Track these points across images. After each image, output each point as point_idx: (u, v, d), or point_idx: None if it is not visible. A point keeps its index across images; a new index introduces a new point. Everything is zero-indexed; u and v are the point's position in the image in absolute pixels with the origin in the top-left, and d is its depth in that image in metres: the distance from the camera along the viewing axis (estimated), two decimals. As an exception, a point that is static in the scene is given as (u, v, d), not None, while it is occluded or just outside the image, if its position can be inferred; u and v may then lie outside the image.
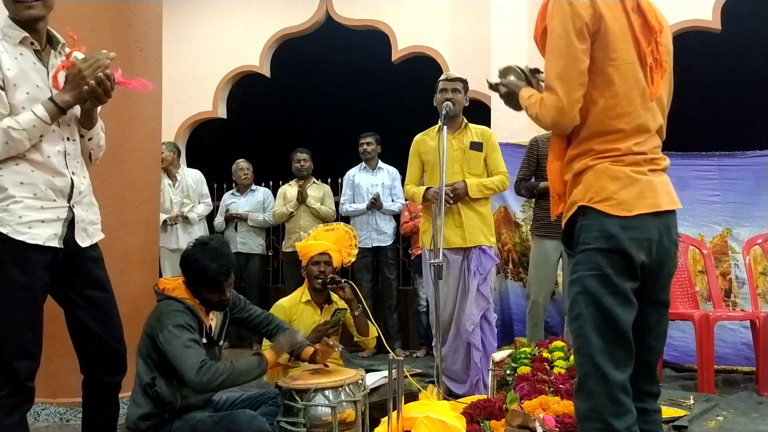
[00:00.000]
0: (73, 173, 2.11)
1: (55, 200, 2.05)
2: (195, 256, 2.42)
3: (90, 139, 2.23)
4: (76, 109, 2.15)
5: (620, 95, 1.69)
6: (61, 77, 2.07)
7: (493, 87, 1.98)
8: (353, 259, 3.47)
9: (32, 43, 2.06)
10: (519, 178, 4.08)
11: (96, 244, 2.23)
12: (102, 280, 2.22)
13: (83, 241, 2.13)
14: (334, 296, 3.31)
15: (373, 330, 3.29)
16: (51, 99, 2.01)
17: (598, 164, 1.70)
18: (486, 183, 3.54)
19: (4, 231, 1.96)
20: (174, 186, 5.45)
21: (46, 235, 2.02)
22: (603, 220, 1.67)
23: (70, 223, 2.09)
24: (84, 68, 2.00)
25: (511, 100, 1.92)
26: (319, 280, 3.19)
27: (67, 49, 2.19)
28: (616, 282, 1.64)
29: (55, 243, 2.04)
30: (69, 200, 2.09)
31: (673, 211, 1.74)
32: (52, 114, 2.00)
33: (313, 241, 3.34)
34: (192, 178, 5.55)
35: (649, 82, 1.71)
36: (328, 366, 2.71)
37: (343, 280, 3.18)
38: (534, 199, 4.16)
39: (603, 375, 1.62)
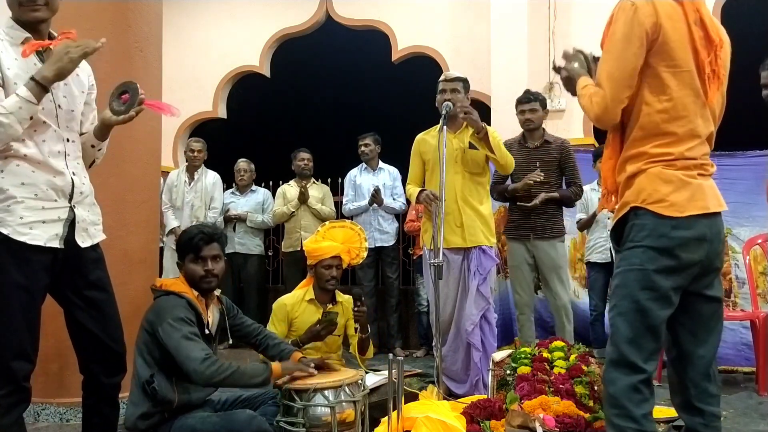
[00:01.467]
0: (73, 173, 2.11)
1: (56, 200, 2.05)
2: (184, 231, 2.59)
3: (99, 150, 2.27)
4: (77, 112, 2.17)
5: (675, 99, 1.79)
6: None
7: (557, 69, 2.07)
8: (362, 260, 3.45)
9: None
10: (493, 182, 3.96)
11: (97, 244, 2.23)
12: (102, 280, 2.22)
13: (83, 241, 2.13)
14: (339, 296, 3.30)
15: (371, 352, 3.31)
16: (32, 77, 1.96)
17: (651, 168, 1.80)
18: (501, 145, 3.52)
19: (5, 232, 1.95)
20: (189, 185, 5.40)
21: (46, 235, 2.01)
22: (656, 220, 1.76)
23: (71, 224, 2.09)
24: (71, 46, 1.98)
25: (570, 85, 2.01)
26: (331, 283, 3.18)
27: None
28: (655, 279, 1.74)
29: (56, 243, 2.04)
30: (70, 200, 2.09)
31: (719, 213, 1.84)
32: (34, 92, 1.94)
33: (321, 239, 3.30)
34: (210, 180, 5.48)
35: (705, 91, 1.81)
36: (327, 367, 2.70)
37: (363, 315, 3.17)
38: (508, 203, 4.15)
39: (628, 364, 1.73)
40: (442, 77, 3.61)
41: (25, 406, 2.05)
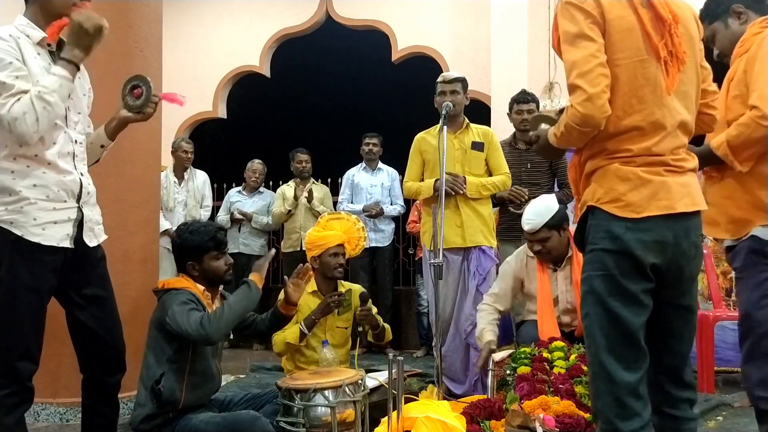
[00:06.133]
0: (81, 174, 2.14)
1: (66, 201, 2.07)
2: (186, 235, 2.52)
3: (105, 150, 2.32)
4: (83, 114, 2.20)
5: (628, 94, 1.66)
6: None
7: (529, 143, 1.95)
8: (361, 251, 3.47)
9: (49, 45, 2.09)
10: None
11: (100, 244, 2.25)
12: (104, 279, 2.24)
13: (91, 240, 2.16)
14: (342, 286, 3.32)
15: (389, 335, 3.38)
16: (62, 57, 2.01)
17: (608, 164, 1.68)
18: (486, 183, 3.54)
19: (18, 233, 1.97)
20: (179, 185, 5.41)
21: (59, 236, 2.04)
22: (610, 221, 1.65)
23: (79, 224, 2.11)
24: (83, 20, 1.99)
25: (546, 147, 1.84)
26: (339, 271, 3.23)
27: None
28: (623, 283, 1.63)
29: (67, 243, 2.06)
30: (78, 200, 2.12)
31: (694, 213, 1.70)
32: (70, 70, 2.01)
33: (322, 230, 3.34)
34: (200, 179, 5.52)
35: (664, 76, 1.67)
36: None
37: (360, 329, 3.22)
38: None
39: (608, 375, 1.62)
40: (440, 78, 3.61)
41: (28, 405, 2.06)
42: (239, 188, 5.89)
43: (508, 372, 2.85)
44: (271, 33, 6.84)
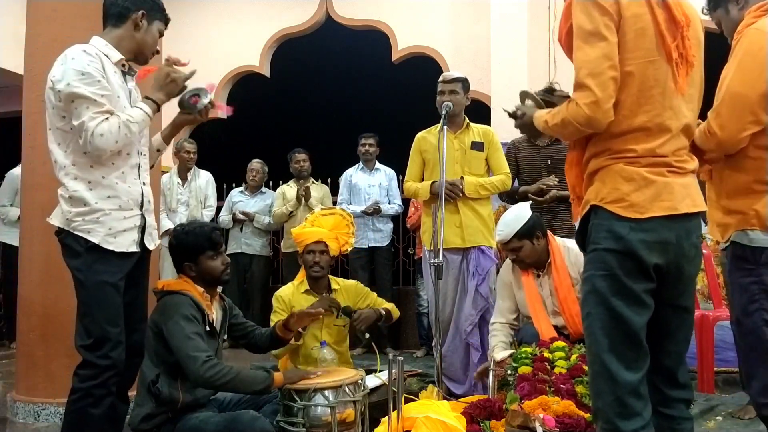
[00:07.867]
0: (143, 183, 2.30)
1: (132, 210, 2.24)
2: (182, 236, 2.54)
3: (160, 153, 2.54)
4: (146, 128, 2.33)
5: (637, 94, 1.65)
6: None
7: (512, 115, 1.97)
8: (350, 247, 3.46)
9: (123, 65, 2.28)
10: None
11: None
12: (146, 273, 2.39)
13: (149, 244, 2.32)
14: (334, 283, 3.30)
15: (395, 312, 3.35)
16: (148, 98, 2.25)
17: (612, 164, 1.67)
18: (484, 183, 3.54)
19: (95, 241, 2.13)
20: (183, 186, 5.42)
21: (127, 242, 2.21)
22: (613, 221, 1.65)
23: (142, 229, 2.27)
24: (178, 78, 2.30)
25: (529, 126, 1.88)
26: (314, 270, 3.19)
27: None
28: (626, 283, 1.62)
29: (134, 248, 2.24)
30: (141, 208, 2.27)
31: (695, 214, 1.70)
32: (153, 110, 2.25)
33: (309, 226, 3.33)
34: (204, 179, 5.52)
35: (674, 78, 1.67)
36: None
37: (366, 335, 3.21)
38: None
39: (610, 375, 1.61)
40: (441, 78, 3.61)
41: (111, 399, 2.16)
42: (241, 188, 5.90)
43: (509, 372, 2.85)
44: (271, 33, 6.83)
